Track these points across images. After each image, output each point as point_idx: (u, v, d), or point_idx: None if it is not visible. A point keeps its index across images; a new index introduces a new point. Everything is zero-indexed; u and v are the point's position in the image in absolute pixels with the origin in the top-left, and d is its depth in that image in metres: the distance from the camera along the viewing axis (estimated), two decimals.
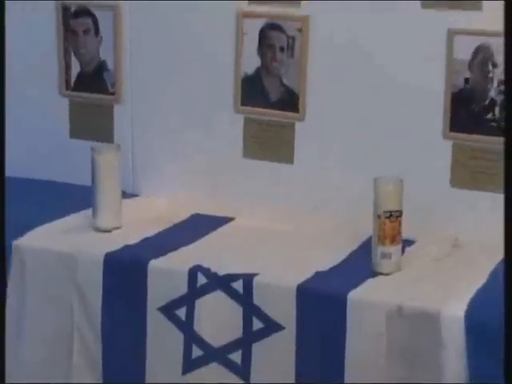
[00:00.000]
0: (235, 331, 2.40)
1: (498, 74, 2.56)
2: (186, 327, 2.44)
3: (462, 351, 2.20)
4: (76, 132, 3.10)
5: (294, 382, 2.35)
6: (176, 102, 2.96)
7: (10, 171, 3.08)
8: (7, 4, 3.02)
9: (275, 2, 2.77)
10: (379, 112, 2.71)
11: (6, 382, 2.61)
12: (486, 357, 2.18)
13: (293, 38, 2.76)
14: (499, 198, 2.60)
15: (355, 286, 2.34)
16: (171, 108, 2.97)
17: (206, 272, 2.43)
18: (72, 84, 3.08)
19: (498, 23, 2.50)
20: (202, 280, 2.43)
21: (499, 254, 2.51)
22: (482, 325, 2.19)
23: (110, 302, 2.52)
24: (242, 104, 2.86)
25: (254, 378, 2.39)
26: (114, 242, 2.60)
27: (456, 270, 2.45)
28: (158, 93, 2.98)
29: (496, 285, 2.32)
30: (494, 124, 2.59)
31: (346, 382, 2.30)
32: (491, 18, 2.52)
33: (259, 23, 2.80)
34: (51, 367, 2.60)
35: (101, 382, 2.55)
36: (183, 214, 2.84)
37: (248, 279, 2.39)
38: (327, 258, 2.50)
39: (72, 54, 3.05)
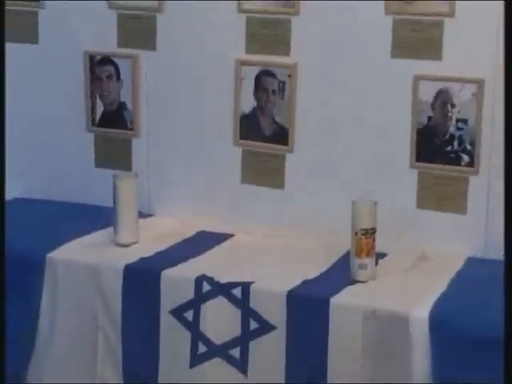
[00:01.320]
0: (234, 331, 2.39)
1: (456, 113, 2.57)
2: (193, 327, 2.44)
3: (427, 346, 2.20)
4: (100, 162, 3.08)
5: (284, 373, 2.35)
6: (184, 136, 2.94)
7: (44, 195, 3.13)
8: (42, 49, 3.08)
9: (268, 52, 2.77)
10: (357, 145, 2.71)
11: (41, 372, 2.64)
12: (447, 352, 2.18)
13: (283, 83, 2.76)
14: (459, 218, 2.63)
15: (336, 292, 2.34)
16: (180, 141, 2.95)
17: (210, 280, 2.43)
18: (97, 121, 3.05)
19: (455, 70, 2.55)
20: (206, 287, 2.42)
21: (458, 265, 2.54)
22: (443, 325, 2.20)
23: (128, 305, 2.51)
24: (241, 138, 2.85)
25: (250, 370, 2.39)
26: (132, 255, 2.60)
27: (422, 278, 2.45)
28: (170, 129, 2.96)
29: (455, 291, 2.35)
30: (452, 155, 2.60)
31: (328, 371, 2.29)
32: (450, 66, 2.56)
33: (255, 70, 2.79)
34: (79, 360, 2.58)
35: (121, 372, 2.54)
36: (190, 231, 2.82)
37: (245, 286, 2.38)
38: (313, 268, 2.49)
39: (97, 96, 3.03)
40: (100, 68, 3.02)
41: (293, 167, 2.81)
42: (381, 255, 2.52)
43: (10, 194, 3.14)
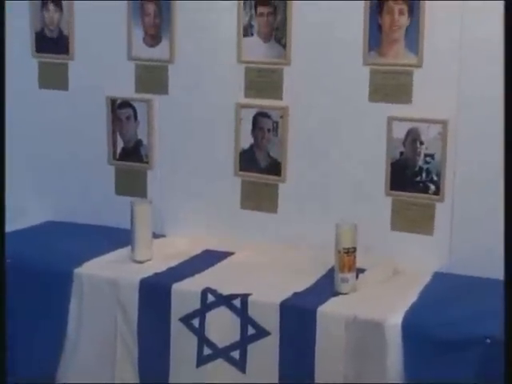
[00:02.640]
0: (235, 336, 2.38)
1: (424, 149, 2.57)
2: (199, 333, 2.42)
3: (400, 349, 2.19)
4: (120, 190, 3.06)
5: (278, 372, 2.34)
6: (192, 168, 2.93)
7: (72, 218, 3.11)
8: (71, 94, 3.07)
9: (264, 96, 2.77)
10: (340, 176, 2.71)
11: (69, 372, 2.61)
12: (418, 354, 2.18)
13: (277, 123, 2.76)
14: (427, 238, 2.62)
15: (322, 302, 2.33)
16: (188, 173, 2.94)
17: (214, 292, 2.41)
18: (117, 155, 3.05)
19: (423, 113, 2.55)
20: (210, 298, 2.41)
21: (426, 279, 2.52)
22: (414, 330, 2.19)
23: (143, 314, 2.50)
24: (240, 170, 2.85)
25: (248, 370, 2.38)
26: (147, 271, 2.58)
27: (395, 290, 2.43)
28: (179, 162, 2.95)
29: (424, 301, 2.34)
30: (421, 185, 2.60)
31: (315, 371, 2.28)
32: (418, 108, 2.56)
33: (252, 112, 2.79)
34: (101, 362, 2.56)
35: (137, 371, 2.52)
36: (197, 250, 2.80)
37: (244, 298, 2.37)
38: (302, 282, 2.47)
39: (118, 134, 3.03)
40: (120, 110, 3.01)
41: (285, 195, 2.81)
42: (360, 270, 2.50)
43: (42, 217, 3.16)
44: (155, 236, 2.81)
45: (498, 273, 2.45)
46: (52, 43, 3.07)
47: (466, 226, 2.58)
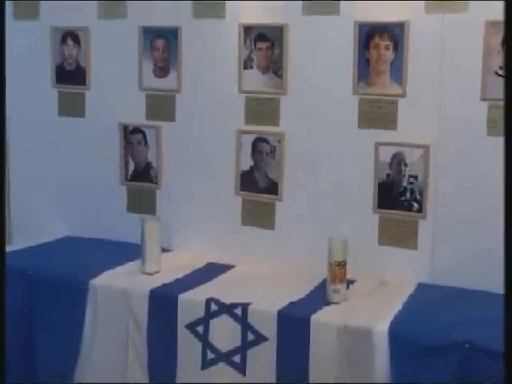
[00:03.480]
0: (236, 341, 2.38)
1: (408, 171, 2.57)
2: (203, 338, 2.42)
3: (387, 353, 2.18)
4: (131, 208, 3.05)
5: (275, 375, 2.33)
6: (197, 188, 2.91)
7: (87, 234, 3.10)
8: (88, 121, 3.07)
9: (262, 123, 2.77)
10: (332, 195, 2.69)
11: (85, 373, 2.59)
12: (403, 357, 2.17)
13: (274, 147, 2.76)
14: (411, 252, 2.61)
15: (316, 311, 2.32)
16: (194, 192, 2.92)
17: (217, 302, 2.41)
18: (129, 176, 3.04)
19: (407, 138, 2.56)
20: (214, 307, 2.40)
21: (411, 289, 2.51)
22: (399, 336, 2.19)
23: (152, 321, 2.49)
24: (241, 190, 2.84)
25: (248, 372, 2.37)
26: (156, 282, 2.57)
27: (382, 300, 2.43)
28: (185, 182, 2.94)
29: (408, 310, 2.34)
30: (406, 203, 2.59)
31: (309, 374, 2.27)
32: (403, 134, 2.57)
33: (252, 137, 2.79)
34: (113, 364, 2.55)
35: (147, 373, 2.50)
36: (201, 263, 2.79)
37: (244, 306, 2.37)
38: (297, 292, 2.46)
39: (129, 157, 3.02)
40: (131, 136, 3.01)
41: (281, 213, 2.80)
42: (351, 281, 2.50)
43: (61, 233, 3.16)
44: (163, 250, 2.79)
45: (477, 284, 2.50)
46: (70, 75, 3.07)
47: (446, 241, 2.57)
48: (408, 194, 2.59)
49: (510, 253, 1.78)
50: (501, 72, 2.39)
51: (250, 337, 2.36)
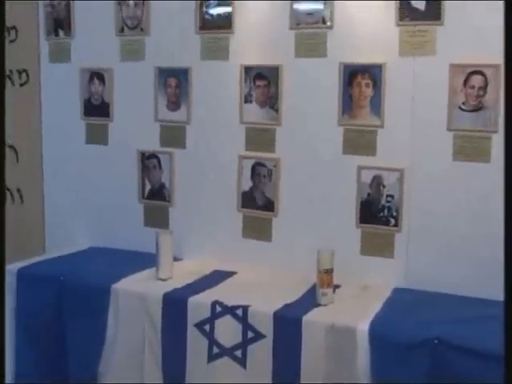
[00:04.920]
0: (237, 338, 2.37)
1: (386, 191, 2.56)
2: (209, 336, 2.41)
3: (368, 349, 2.17)
4: (147, 223, 3.03)
5: (271, 367, 2.32)
6: (204, 206, 2.90)
7: (109, 244, 3.08)
8: (111, 148, 3.06)
9: (260, 150, 2.76)
10: (320, 213, 2.68)
11: (107, 371, 2.56)
12: (382, 353, 2.16)
13: (271, 170, 2.76)
14: (388, 261, 2.60)
15: (307, 312, 2.32)
16: (202, 210, 2.91)
17: (221, 304, 2.40)
18: (145, 195, 3.03)
19: (385, 163, 2.55)
20: (218, 309, 2.40)
21: (388, 293, 2.49)
22: (378, 334, 2.18)
23: (166, 321, 2.48)
24: (242, 207, 2.83)
25: (248, 365, 2.36)
26: (168, 286, 2.56)
27: (364, 302, 2.42)
28: (194, 201, 2.93)
29: (386, 311, 2.33)
30: (384, 219, 2.59)
31: (301, 367, 2.26)
32: (381, 159, 2.56)
33: (251, 162, 2.79)
34: (132, 359, 2.53)
35: (160, 367, 2.48)
36: (208, 270, 2.77)
37: (245, 308, 2.37)
38: (291, 296, 2.46)
39: (146, 179, 3.02)
40: (148, 160, 3.01)
41: (277, 227, 2.79)
42: (337, 286, 2.49)
43: (87, 244, 3.14)
44: (175, 259, 2.78)
45: (445, 288, 2.50)
46: (96, 109, 3.08)
47: (418, 250, 2.56)
48: (386, 211, 2.59)
49: (510, 256, 1.68)
50: (463, 107, 2.42)
51: (250, 334, 2.35)
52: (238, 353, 2.37)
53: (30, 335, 2.69)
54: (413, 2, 2.43)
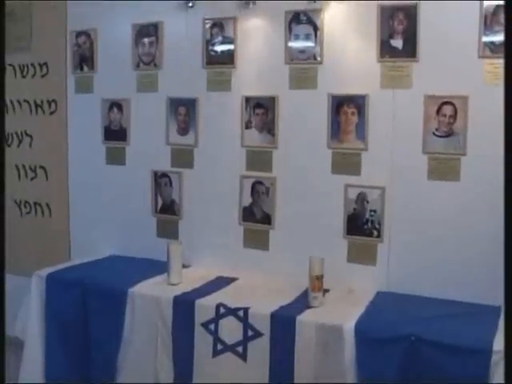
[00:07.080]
0: (239, 336, 2.37)
1: (369, 206, 2.56)
2: (214, 334, 2.41)
3: (354, 346, 2.17)
4: (160, 234, 3.02)
5: (268, 362, 2.31)
6: (209, 219, 2.89)
7: (127, 253, 3.06)
8: (128, 168, 3.06)
9: (259, 169, 2.76)
10: (311, 225, 2.68)
11: (124, 366, 2.54)
12: (366, 349, 2.15)
13: (268, 188, 2.76)
14: (371, 268, 2.59)
15: (300, 313, 2.32)
16: (207, 223, 2.90)
17: (225, 306, 2.40)
18: (158, 210, 3.02)
19: (368, 181, 2.56)
20: (222, 310, 2.40)
21: (371, 296, 2.49)
22: (363, 332, 2.18)
23: (176, 321, 2.47)
24: (243, 220, 2.82)
25: (248, 359, 2.35)
26: (178, 290, 2.56)
27: (350, 304, 2.42)
28: (200, 215, 2.91)
29: (370, 312, 2.33)
30: (368, 231, 2.58)
31: (295, 362, 2.25)
32: (365, 178, 2.57)
33: (251, 180, 2.78)
34: (146, 355, 2.52)
35: (171, 361, 2.46)
36: (212, 276, 2.76)
37: (246, 310, 2.37)
38: (286, 298, 2.46)
39: (158, 195, 3.01)
40: (160, 179, 3.01)
41: (274, 238, 2.78)
42: (326, 290, 2.49)
43: (107, 252, 3.13)
44: (184, 266, 2.77)
45: (422, 291, 2.48)
46: (115, 134, 3.09)
47: (398, 258, 2.56)
48: (369, 224, 2.59)
49: (510, 259, 1.61)
50: (437, 133, 2.45)
51: (250, 333, 2.36)
52: (240, 349, 2.37)
53: (58, 333, 2.69)
54: (392, 42, 2.48)
